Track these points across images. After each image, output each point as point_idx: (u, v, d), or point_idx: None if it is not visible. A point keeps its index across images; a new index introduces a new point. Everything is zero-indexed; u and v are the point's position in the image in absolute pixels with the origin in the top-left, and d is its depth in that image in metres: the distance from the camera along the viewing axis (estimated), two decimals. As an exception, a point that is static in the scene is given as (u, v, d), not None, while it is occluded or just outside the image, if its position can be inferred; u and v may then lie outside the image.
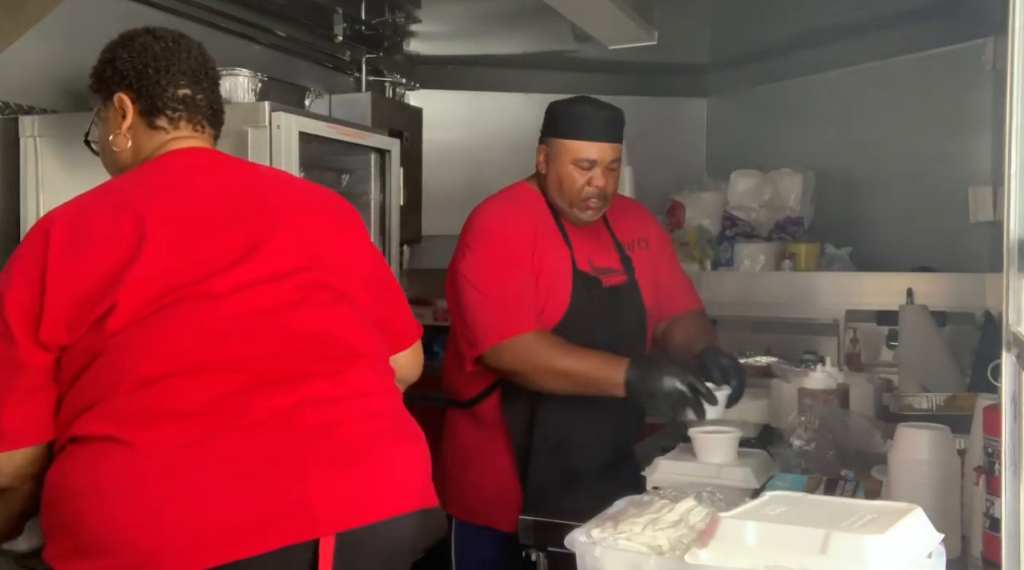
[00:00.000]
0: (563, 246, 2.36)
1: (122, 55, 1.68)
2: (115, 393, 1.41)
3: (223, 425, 1.40)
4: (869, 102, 4.00)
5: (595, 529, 1.35)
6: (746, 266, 3.90)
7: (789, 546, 1.16)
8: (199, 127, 1.69)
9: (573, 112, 2.34)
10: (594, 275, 2.37)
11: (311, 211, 1.66)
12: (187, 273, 1.46)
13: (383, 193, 3.12)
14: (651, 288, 2.46)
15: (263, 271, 1.51)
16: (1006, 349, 1.19)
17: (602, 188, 2.32)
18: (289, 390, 1.46)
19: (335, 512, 1.43)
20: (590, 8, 3.27)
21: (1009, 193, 1.17)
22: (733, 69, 4.57)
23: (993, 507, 1.39)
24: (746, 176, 4.12)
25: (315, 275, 1.57)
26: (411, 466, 1.56)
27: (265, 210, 1.59)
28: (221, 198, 1.58)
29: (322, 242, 1.62)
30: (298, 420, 1.44)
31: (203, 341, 1.44)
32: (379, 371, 1.61)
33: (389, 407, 1.59)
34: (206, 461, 1.38)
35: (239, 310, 1.47)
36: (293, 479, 1.41)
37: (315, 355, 1.51)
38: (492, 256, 2.31)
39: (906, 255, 3.65)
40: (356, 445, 1.48)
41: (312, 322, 1.53)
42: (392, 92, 4.27)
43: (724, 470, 1.91)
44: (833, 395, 2.15)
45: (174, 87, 1.66)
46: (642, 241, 2.49)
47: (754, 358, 3.47)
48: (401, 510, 1.51)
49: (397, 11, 3.72)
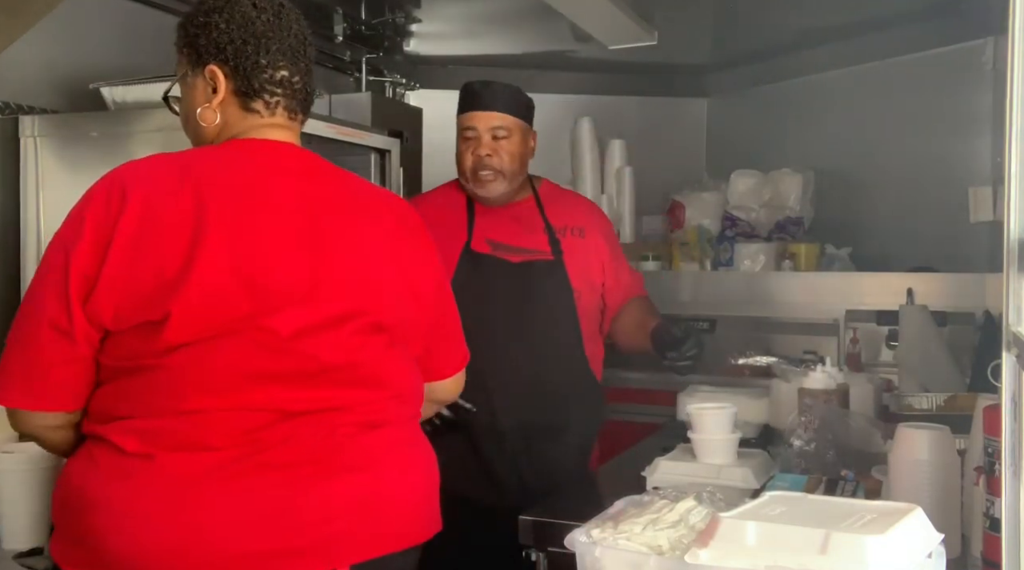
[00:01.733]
0: (462, 230, 2.40)
1: (219, 24, 1.53)
2: (156, 413, 1.38)
3: (251, 457, 1.39)
4: (869, 102, 4.00)
5: (595, 529, 1.34)
6: (746, 266, 3.90)
7: (789, 546, 1.16)
8: (294, 114, 1.60)
9: (463, 90, 2.42)
10: (492, 253, 2.38)
11: (382, 237, 1.56)
12: (249, 301, 1.39)
13: (383, 193, 3.12)
14: (582, 272, 2.43)
15: (327, 311, 1.45)
16: (1006, 349, 1.19)
17: (486, 158, 2.35)
18: (319, 425, 1.44)
19: (353, 544, 1.44)
20: (590, 8, 3.27)
21: (1009, 193, 1.17)
22: (733, 69, 4.57)
23: (993, 507, 1.39)
24: (746, 176, 4.12)
25: (376, 317, 1.51)
26: (423, 494, 1.58)
27: (337, 234, 1.50)
28: (297, 214, 1.47)
29: (388, 273, 1.55)
30: (326, 454, 1.43)
31: (258, 383, 1.41)
32: (405, 401, 1.59)
33: (407, 437, 1.58)
34: (232, 491, 1.37)
35: (297, 358, 1.43)
36: (315, 512, 1.40)
37: (351, 392, 1.49)
38: None
39: (906, 255, 3.65)
40: (376, 478, 1.48)
41: (360, 367, 1.50)
42: (392, 92, 4.28)
43: (724, 470, 1.91)
44: (833, 395, 2.14)
45: (273, 68, 1.54)
46: (575, 229, 2.47)
47: (754, 358, 3.48)
48: (412, 542, 1.53)
49: (397, 11, 3.72)
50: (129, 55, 2.86)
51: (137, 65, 2.80)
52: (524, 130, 2.40)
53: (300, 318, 1.42)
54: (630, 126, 4.56)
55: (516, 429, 2.30)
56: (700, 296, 3.89)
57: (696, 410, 1.99)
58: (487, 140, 2.36)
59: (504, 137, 2.36)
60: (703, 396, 2.46)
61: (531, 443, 2.31)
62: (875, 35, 3.87)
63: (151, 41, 2.95)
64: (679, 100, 4.81)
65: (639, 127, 4.62)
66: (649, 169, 4.35)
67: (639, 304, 2.57)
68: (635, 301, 2.58)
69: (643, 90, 4.73)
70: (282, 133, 1.57)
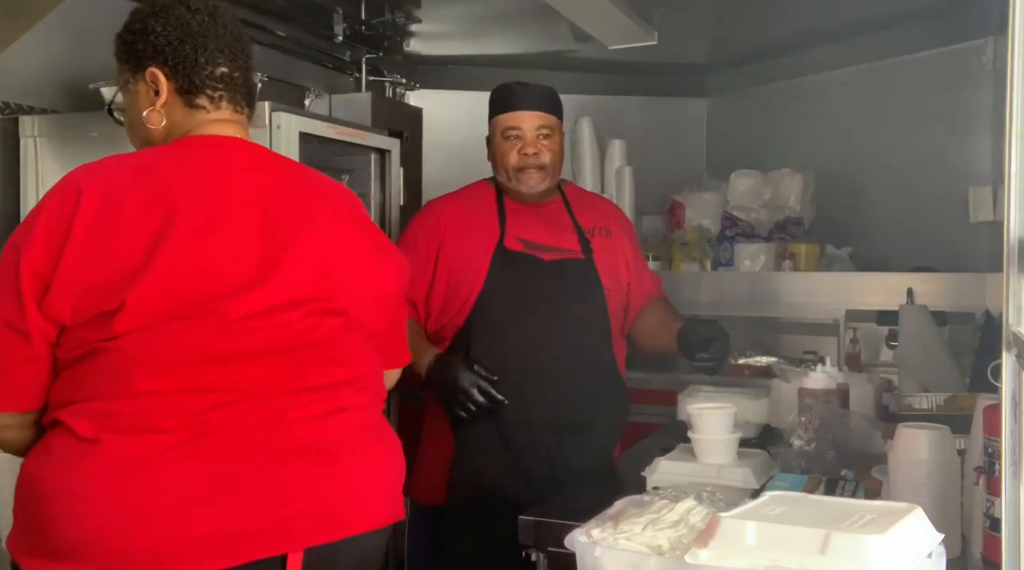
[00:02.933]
0: (494, 228, 2.44)
1: (155, 27, 1.57)
2: (107, 396, 1.39)
3: (201, 438, 1.40)
4: (869, 102, 4.00)
5: (595, 529, 1.34)
6: (746, 266, 3.90)
7: (789, 546, 1.16)
8: (239, 108, 1.62)
9: (499, 91, 2.47)
10: (526, 251, 2.42)
11: (339, 225, 1.61)
12: (203, 286, 1.42)
13: (383, 193, 3.12)
14: (610, 272, 2.49)
15: (280, 296, 1.47)
16: (1006, 349, 1.19)
17: (533, 156, 2.40)
18: (272, 407, 1.45)
19: (308, 528, 1.44)
20: (590, 8, 3.27)
21: (1009, 193, 1.17)
22: (733, 69, 4.57)
23: (993, 507, 1.39)
24: (746, 176, 4.12)
25: (332, 303, 1.54)
26: (385, 480, 1.58)
27: (292, 222, 1.53)
28: (251, 204, 1.51)
29: (345, 259, 1.58)
30: (278, 436, 1.44)
31: (203, 364, 1.42)
32: (368, 388, 1.61)
33: (369, 421, 1.59)
34: (181, 473, 1.38)
35: (247, 338, 1.45)
36: (268, 494, 1.41)
37: (308, 376, 1.50)
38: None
39: (906, 255, 3.65)
40: (333, 462, 1.48)
41: (317, 349, 1.52)
42: (392, 92, 4.27)
43: (724, 470, 1.91)
44: (833, 395, 2.15)
45: (213, 65, 1.58)
46: (603, 230, 2.54)
47: (754, 358, 3.48)
48: (370, 526, 1.52)
49: (397, 11, 3.72)
50: (129, 55, 2.86)
51: (137, 65, 2.80)
52: (561, 130, 2.48)
53: (253, 302, 1.45)
54: (630, 126, 4.55)
55: (547, 423, 2.33)
56: (700, 296, 3.89)
57: (696, 410, 1.99)
58: (532, 138, 2.41)
59: (547, 136, 2.42)
60: (703, 396, 2.46)
61: (561, 438, 2.33)
62: (875, 35, 3.87)
63: (151, 41, 2.95)
64: (679, 100, 4.81)
65: (639, 127, 4.62)
66: (649, 169, 4.35)
67: (661, 305, 2.64)
68: (656, 302, 2.64)
69: (643, 90, 4.73)
70: (231, 127, 1.61)
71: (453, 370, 2.27)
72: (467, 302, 2.38)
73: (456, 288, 2.40)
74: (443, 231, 2.45)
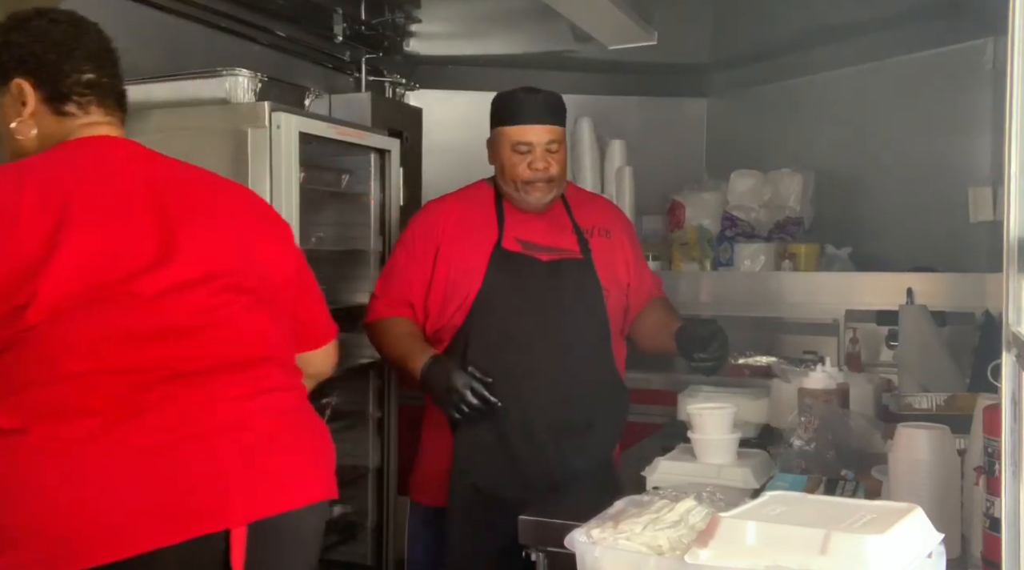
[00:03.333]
0: (492, 229, 2.42)
1: (18, 39, 1.60)
2: (34, 384, 1.41)
3: (131, 418, 1.41)
4: (869, 102, 4.00)
5: (595, 529, 1.35)
6: (746, 266, 3.90)
7: (789, 546, 1.16)
8: (110, 111, 1.65)
9: (508, 100, 2.42)
10: (524, 251, 2.41)
11: (236, 211, 1.66)
12: (111, 270, 1.45)
13: (383, 193, 3.13)
14: (609, 272, 2.47)
15: (188, 273, 1.51)
16: (1006, 349, 1.19)
17: (542, 170, 2.37)
18: (201, 387, 1.48)
19: (246, 502, 1.46)
20: (590, 8, 3.27)
21: (1009, 193, 1.17)
22: (733, 69, 4.57)
23: (993, 507, 1.39)
24: (746, 176, 4.12)
25: (237, 279, 1.58)
26: (316, 459, 1.61)
27: (190, 205, 1.58)
28: (144, 189, 1.55)
29: (246, 242, 1.63)
30: (208, 415, 1.47)
31: (125, 344, 1.44)
32: (288, 370, 1.65)
33: (296, 404, 1.63)
34: (114, 453, 1.39)
35: (163, 315, 1.48)
36: (204, 471, 1.43)
37: (228, 355, 1.53)
38: (394, 250, 2.56)
39: (906, 255, 3.65)
40: (265, 439, 1.51)
41: (229, 326, 1.55)
42: (392, 92, 4.28)
43: (724, 470, 1.91)
44: (833, 395, 2.14)
45: (79, 73, 1.61)
46: (602, 230, 2.52)
47: (754, 358, 3.49)
48: (309, 500, 1.55)
49: (397, 11, 3.72)
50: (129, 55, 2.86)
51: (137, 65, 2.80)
52: (565, 140, 2.46)
53: (161, 280, 1.48)
54: (630, 126, 4.56)
55: (545, 424, 2.32)
56: (700, 296, 3.89)
57: (696, 410, 1.99)
58: (541, 153, 2.38)
59: (556, 150, 2.40)
60: (703, 396, 2.46)
61: (559, 439, 2.32)
62: (875, 35, 3.87)
63: (151, 41, 2.95)
64: (679, 100, 4.81)
65: (639, 127, 4.62)
66: (649, 169, 4.35)
67: (661, 305, 2.62)
68: (656, 302, 2.63)
69: (643, 90, 4.73)
70: (105, 128, 1.63)
71: (447, 371, 2.26)
72: (465, 302, 2.37)
73: (454, 288, 2.39)
74: (441, 231, 2.45)
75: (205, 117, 2.58)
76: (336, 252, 3.12)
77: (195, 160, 1.77)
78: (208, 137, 2.54)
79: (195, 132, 2.55)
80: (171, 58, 2.91)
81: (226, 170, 2.51)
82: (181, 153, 1.88)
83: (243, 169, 2.51)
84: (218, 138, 2.54)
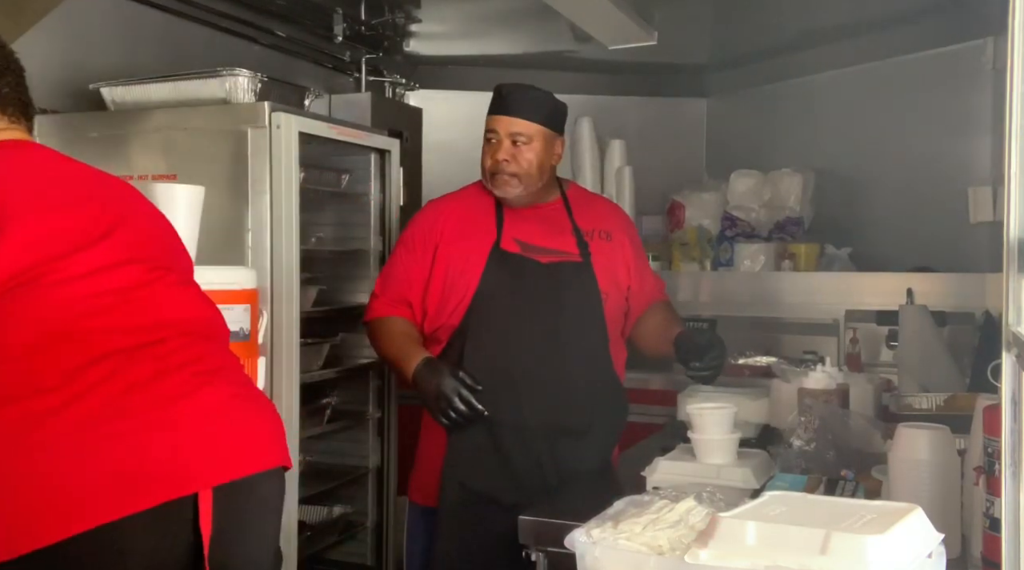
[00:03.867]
0: (491, 229, 2.41)
1: None
2: None
3: (86, 393, 1.43)
4: (869, 102, 4.00)
5: (595, 529, 1.35)
6: (746, 266, 3.90)
7: (789, 546, 1.16)
8: (14, 119, 1.68)
9: (493, 93, 2.43)
10: (522, 253, 2.39)
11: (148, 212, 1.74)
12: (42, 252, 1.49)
13: (383, 193, 3.12)
14: (609, 275, 2.44)
15: (118, 255, 1.56)
16: (1006, 349, 1.19)
17: (503, 162, 2.35)
18: (148, 360, 1.50)
19: (209, 467, 1.48)
20: (590, 8, 3.27)
21: (1009, 193, 1.17)
22: (733, 69, 4.57)
23: (993, 507, 1.39)
24: (746, 176, 4.12)
25: (164, 261, 1.65)
26: (270, 428, 1.64)
27: (111, 199, 1.64)
28: (66, 183, 1.61)
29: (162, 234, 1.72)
30: (160, 386, 1.49)
31: (63, 318, 1.47)
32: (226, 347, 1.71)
33: (242, 378, 1.68)
34: (71, 429, 1.41)
35: (97, 289, 1.51)
36: (163, 438, 1.45)
37: (170, 327, 1.57)
38: (394, 250, 2.56)
39: (906, 255, 3.65)
40: (219, 408, 1.54)
41: (167, 298, 1.60)
42: (392, 92, 4.28)
43: (724, 470, 1.91)
44: (833, 395, 2.15)
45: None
46: (603, 232, 2.48)
47: (754, 358, 3.49)
48: (269, 465, 1.59)
49: (397, 11, 3.72)
50: (129, 55, 2.87)
51: (137, 65, 2.81)
52: (548, 137, 2.40)
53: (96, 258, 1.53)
54: (630, 126, 4.56)
55: (540, 428, 2.29)
56: (700, 296, 3.89)
57: (696, 410, 1.99)
58: (507, 145, 2.36)
59: (524, 143, 2.36)
60: (703, 396, 2.46)
61: (555, 442, 2.30)
62: (875, 35, 3.87)
63: (151, 41, 2.96)
64: (679, 100, 4.81)
65: (639, 127, 4.62)
66: (649, 169, 4.35)
67: (662, 309, 2.59)
68: (657, 306, 2.59)
69: (643, 90, 4.73)
70: (12, 133, 1.67)
71: (437, 376, 2.25)
72: (462, 303, 2.36)
73: (452, 289, 2.38)
74: (440, 231, 2.44)
75: (205, 117, 2.58)
76: (336, 252, 3.12)
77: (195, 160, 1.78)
78: (208, 137, 2.55)
79: (195, 132, 2.55)
80: (171, 58, 2.91)
81: (226, 170, 2.52)
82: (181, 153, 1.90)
83: (243, 169, 2.51)
84: (218, 138, 2.54)
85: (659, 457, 2.01)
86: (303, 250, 2.66)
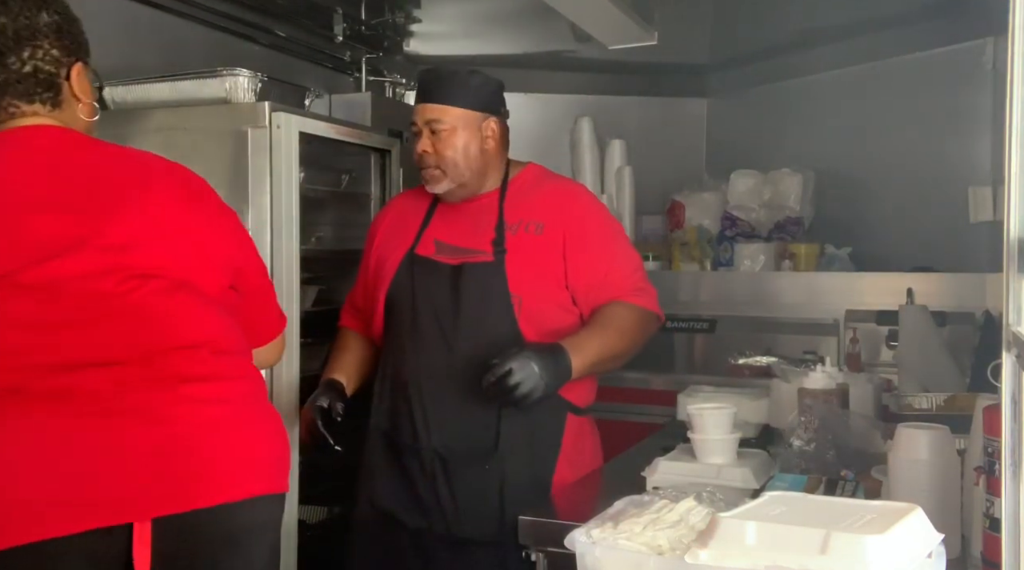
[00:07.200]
0: (412, 234, 2.27)
1: None
2: None
3: (36, 406, 1.39)
4: (869, 102, 4.00)
5: (595, 529, 1.35)
6: (746, 266, 3.90)
7: (789, 546, 1.16)
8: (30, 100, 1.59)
9: None
10: (432, 255, 2.21)
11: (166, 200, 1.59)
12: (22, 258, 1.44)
13: (383, 193, 3.12)
14: (529, 274, 2.15)
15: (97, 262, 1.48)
16: (1006, 349, 1.19)
17: (424, 155, 2.18)
18: (110, 376, 1.44)
19: (153, 497, 1.41)
20: (590, 8, 3.27)
21: (1009, 193, 1.17)
22: (733, 69, 4.57)
23: (993, 507, 1.39)
24: (746, 176, 4.12)
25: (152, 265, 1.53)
26: (252, 453, 1.55)
27: (115, 194, 1.54)
28: (55, 183, 1.52)
29: (169, 229, 1.57)
30: (117, 403, 1.43)
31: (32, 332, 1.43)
32: (229, 357, 1.59)
33: (233, 394, 1.57)
34: (16, 440, 1.37)
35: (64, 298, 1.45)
36: (109, 461, 1.40)
37: (142, 343, 1.49)
38: None
39: (906, 255, 3.65)
40: (184, 431, 1.46)
41: (144, 314, 1.50)
42: (392, 92, 4.27)
43: (724, 470, 1.91)
44: (833, 395, 2.14)
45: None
46: (533, 225, 2.19)
47: (754, 358, 3.49)
48: (227, 498, 1.49)
49: (397, 11, 3.72)
50: (129, 55, 2.86)
51: (137, 65, 2.80)
52: (473, 120, 2.17)
53: (70, 267, 1.45)
54: (630, 126, 4.55)
55: (437, 449, 2.13)
56: (700, 296, 3.89)
57: (696, 410, 1.99)
58: (426, 135, 2.17)
59: (443, 130, 2.15)
60: (703, 396, 2.46)
61: (455, 465, 2.11)
62: (875, 35, 3.87)
63: (151, 41, 2.96)
64: (679, 100, 4.81)
65: (639, 127, 4.62)
66: (649, 169, 4.35)
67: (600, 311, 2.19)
68: (601, 308, 2.19)
69: (643, 90, 4.73)
70: (31, 119, 1.58)
71: (310, 402, 2.17)
72: (379, 308, 2.26)
73: (372, 297, 2.28)
74: (374, 234, 2.36)
75: (205, 117, 2.58)
76: (336, 252, 3.11)
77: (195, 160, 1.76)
78: (208, 137, 2.55)
79: (195, 132, 2.55)
80: (171, 58, 2.91)
81: (226, 170, 2.52)
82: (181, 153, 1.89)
83: (243, 169, 2.51)
84: (218, 138, 2.54)
85: (659, 457, 2.01)
86: (303, 250, 2.66)
